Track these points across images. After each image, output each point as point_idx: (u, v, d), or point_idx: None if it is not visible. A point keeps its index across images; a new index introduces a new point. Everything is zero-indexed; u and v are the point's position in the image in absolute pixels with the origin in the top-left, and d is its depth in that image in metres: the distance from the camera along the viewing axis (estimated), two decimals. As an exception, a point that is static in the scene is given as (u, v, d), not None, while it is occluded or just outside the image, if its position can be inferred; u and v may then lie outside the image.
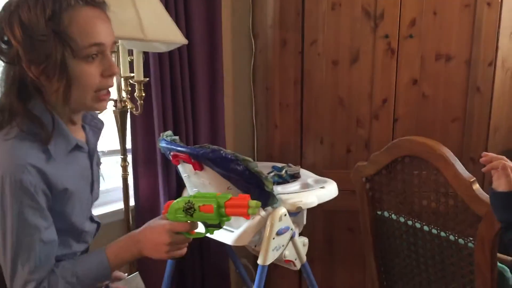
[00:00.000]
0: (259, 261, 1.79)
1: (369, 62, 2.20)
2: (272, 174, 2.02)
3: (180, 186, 2.15)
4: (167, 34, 1.56)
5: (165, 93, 2.03)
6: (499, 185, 1.10)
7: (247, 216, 1.05)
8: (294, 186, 1.98)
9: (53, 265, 1.05)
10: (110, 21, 1.06)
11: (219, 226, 1.08)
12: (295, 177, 2.05)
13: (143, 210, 2.08)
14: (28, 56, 0.97)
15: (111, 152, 2.04)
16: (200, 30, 2.15)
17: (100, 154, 1.30)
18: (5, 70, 1.02)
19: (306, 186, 1.99)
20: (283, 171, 2.01)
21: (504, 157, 1.13)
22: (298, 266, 1.96)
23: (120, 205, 2.02)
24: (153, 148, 2.05)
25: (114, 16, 1.39)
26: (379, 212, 1.45)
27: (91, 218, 1.22)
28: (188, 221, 1.08)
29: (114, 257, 1.10)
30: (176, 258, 1.12)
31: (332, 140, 2.30)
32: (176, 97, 2.09)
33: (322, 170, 2.27)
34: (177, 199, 1.11)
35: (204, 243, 2.31)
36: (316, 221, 2.36)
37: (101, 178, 1.26)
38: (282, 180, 2.01)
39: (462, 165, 1.22)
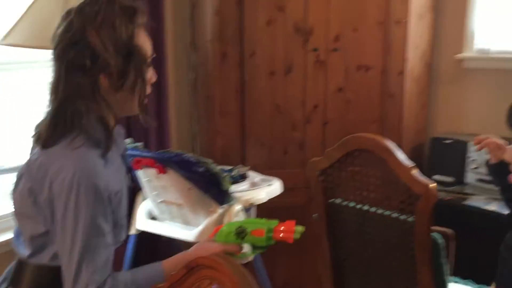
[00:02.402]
0: (220, 254, 1.96)
1: (301, 72, 2.47)
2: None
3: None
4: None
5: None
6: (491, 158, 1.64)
7: (291, 240, 1.17)
8: (244, 185, 2.19)
9: (111, 269, 1.12)
10: None
11: (264, 248, 1.22)
12: (243, 177, 2.25)
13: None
14: (111, 68, 1.09)
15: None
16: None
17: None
18: (69, 79, 1.09)
19: (254, 185, 2.21)
20: (235, 171, 2.20)
21: (489, 136, 1.63)
22: (251, 257, 2.16)
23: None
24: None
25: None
26: (331, 200, 1.70)
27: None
28: (239, 244, 1.20)
29: (168, 270, 1.15)
30: None
31: (271, 144, 2.53)
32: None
33: (263, 171, 2.49)
34: (226, 224, 1.26)
35: (159, 242, 2.41)
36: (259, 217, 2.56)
37: None
38: (233, 180, 2.19)
39: (403, 155, 1.51)
